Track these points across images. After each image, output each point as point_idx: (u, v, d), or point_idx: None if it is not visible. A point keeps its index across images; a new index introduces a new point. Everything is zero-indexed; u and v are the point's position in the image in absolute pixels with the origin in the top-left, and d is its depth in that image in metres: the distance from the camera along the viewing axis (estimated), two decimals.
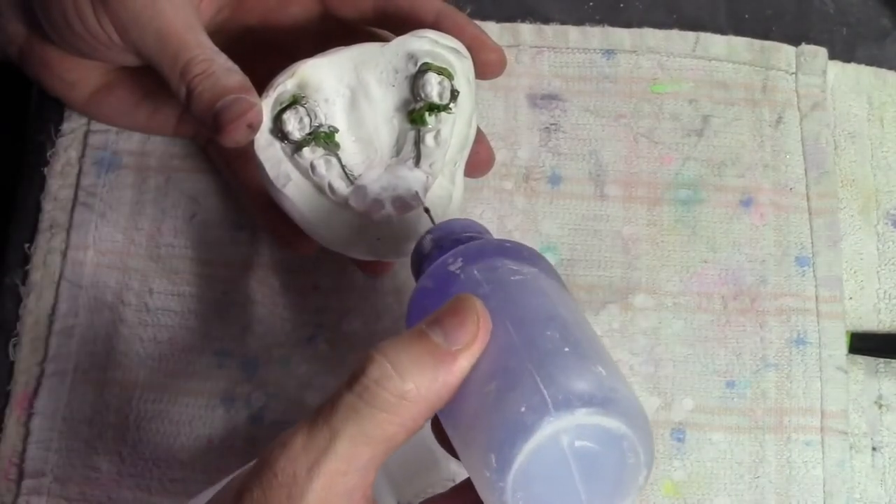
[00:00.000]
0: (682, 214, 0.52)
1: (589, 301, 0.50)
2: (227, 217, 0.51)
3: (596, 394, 0.31)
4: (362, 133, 0.44)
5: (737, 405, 0.49)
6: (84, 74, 0.48)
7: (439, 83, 0.43)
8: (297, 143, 0.43)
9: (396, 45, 0.43)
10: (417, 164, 0.44)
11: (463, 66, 0.44)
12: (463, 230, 0.40)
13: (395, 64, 0.44)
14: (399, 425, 0.32)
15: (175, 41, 0.41)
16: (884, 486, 0.48)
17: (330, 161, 0.43)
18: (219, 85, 0.40)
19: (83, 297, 0.49)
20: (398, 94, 0.44)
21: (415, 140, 0.44)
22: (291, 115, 0.42)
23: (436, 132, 0.44)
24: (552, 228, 0.51)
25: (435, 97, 0.43)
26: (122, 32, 0.42)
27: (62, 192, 0.51)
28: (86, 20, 0.42)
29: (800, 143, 0.53)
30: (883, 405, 0.49)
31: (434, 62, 0.43)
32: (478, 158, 0.47)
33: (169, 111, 0.50)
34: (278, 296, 0.50)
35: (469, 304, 0.33)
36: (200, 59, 0.41)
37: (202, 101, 0.40)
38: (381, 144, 0.44)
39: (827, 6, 0.56)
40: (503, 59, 0.45)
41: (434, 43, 0.43)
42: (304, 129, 0.43)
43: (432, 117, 0.44)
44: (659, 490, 0.47)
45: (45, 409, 0.48)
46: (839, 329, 0.50)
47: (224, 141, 0.40)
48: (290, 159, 0.43)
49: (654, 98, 0.53)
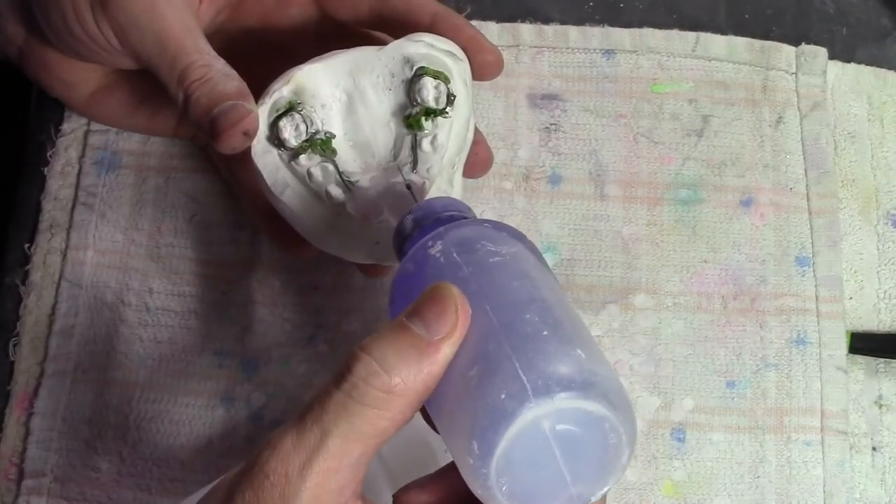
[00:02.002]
0: (682, 214, 0.52)
1: (589, 301, 0.50)
2: (227, 217, 0.51)
3: (575, 377, 0.31)
4: (359, 137, 0.44)
5: (737, 405, 0.49)
6: (83, 76, 0.48)
7: (435, 87, 0.43)
8: (294, 151, 0.43)
9: (392, 49, 0.43)
10: (414, 168, 0.44)
11: (459, 69, 0.44)
12: (444, 209, 0.40)
13: (391, 68, 0.44)
14: (389, 420, 0.33)
15: (173, 45, 0.41)
16: (884, 486, 0.48)
17: (326, 168, 0.43)
18: (216, 91, 0.40)
19: (83, 297, 0.49)
20: (395, 98, 0.44)
21: (411, 145, 0.44)
22: (287, 123, 0.42)
23: (432, 137, 0.44)
24: (552, 228, 0.51)
25: (431, 102, 0.43)
26: (121, 36, 0.42)
27: (62, 192, 0.51)
28: (85, 24, 0.42)
29: (800, 143, 0.53)
30: (883, 405, 0.49)
31: (430, 66, 0.43)
32: (476, 159, 0.47)
33: (168, 113, 0.50)
34: (278, 296, 0.50)
35: (447, 292, 0.34)
36: (198, 64, 0.41)
37: (199, 107, 0.40)
38: (378, 149, 0.44)
39: (827, 6, 0.56)
40: (500, 60, 0.45)
41: (430, 47, 0.43)
42: (300, 136, 0.42)
43: (429, 122, 0.43)
44: (659, 490, 0.47)
45: (45, 409, 0.48)
46: (839, 329, 0.50)
47: (220, 147, 0.41)
48: (287, 166, 0.43)
49: (654, 98, 0.53)
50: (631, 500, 0.47)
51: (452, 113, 0.44)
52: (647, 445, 0.48)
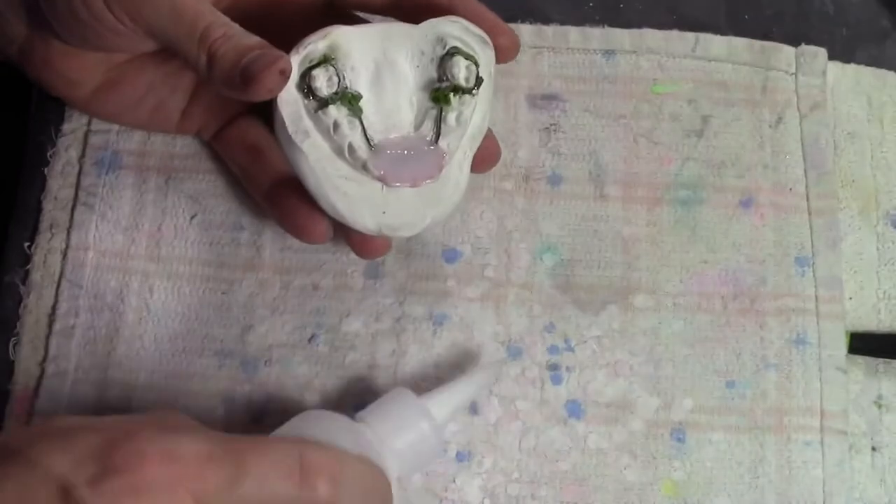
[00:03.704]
0: (681, 215, 0.52)
1: (589, 301, 0.50)
2: (227, 217, 0.51)
3: None
4: (383, 106, 0.45)
5: (737, 405, 0.49)
6: (86, 72, 0.48)
7: (466, 67, 0.44)
8: (323, 100, 0.43)
9: (427, 27, 0.44)
10: (437, 141, 0.44)
11: (487, 57, 0.45)
12: None
13: (422, 46, 0.45)
14: None
15: (191, 12, 0.41)
16: (884, 486, 0.48)
17: (353, 122, 0.44)
18: (242, 44, 0.41)
19: (83, 297, 0.49)
20: (422, 75, 0.45)
21: (436, 118, 0.45)
22: (321, 73, 0.43)
23: (458, 113, 0.45)
24: (552, 228, 0.51)
25: (462, 80, 0.44)
26: (135, 12, 0.42)
27: (62, 192, 0.51)
28: (91, 6, 0.42)
29: (800, 144, 0.53)
30: (883, 405, 0.50)
31: (462, 48, 0.44)
32: (486, 153, 0.47)
33: (172, 107, 0.50)
34: (278, 296, 0.50)
35: None
36: (219, 24, 0.41)
37: (227, 61, 0.41)
38: (400, 120, 0.45)
39: (827, 6, 0.56)
40: (517, 43, 0.46)
41: (465, 30, 0.45)
42: (332, 87, 0.43)
43: (456, 98, 0.44)
44: (659, 490, 0.47)
45: (45, 409, 0.48)
46: (839, 329, 0.50)
47: (257, 91, 0.41)
48: (312, 117, 0.44)
49: (653, 98, 0.53)
50: (631, 500, 0.47)
51: (478, 94, 0.45)
52: (646, 445, 0.48)
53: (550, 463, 0.47)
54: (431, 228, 0.46)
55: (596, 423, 0.48)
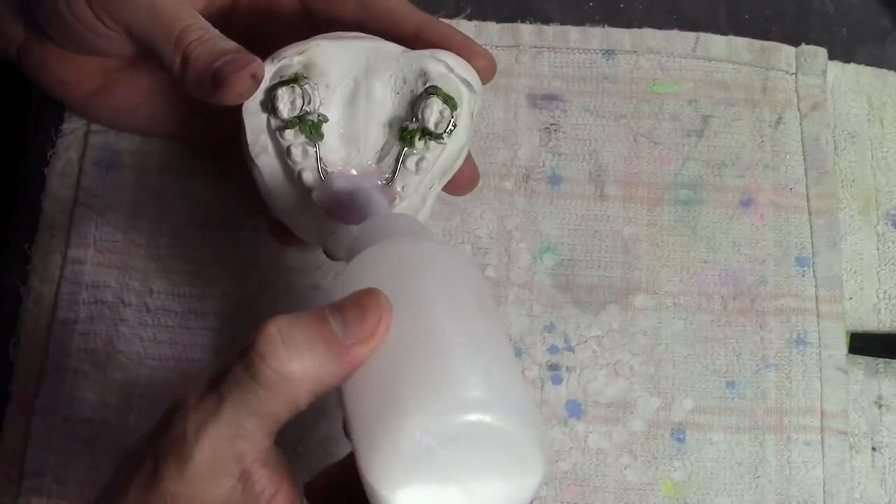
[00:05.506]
0: (682, 215, 0.52)
1: (589, 301, 0.50)
2: (227, 217, 0.51)
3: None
4: (351, 129, 0.43)
5: (737, 405, 0.49)
6: (82, 75, 0.48)
7: (440, 112, 0.42)
8: (283, 123, 0.42)
9: (414, 57, 0.43)
10: (391, 182, 0.43)
11: (471, 99, 0.43)
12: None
13: (406, 74, 0.43)
14: (280, 403, 0.32)
15: (168, 13, 0.41)
16: (884, 486, 0.48)
17: (307, 151, 0.42)
18: (216, 48, 0.40)
19: (83, 297, 0.49)
20: (400, 103, 0.43)
21: (397, 157, 0.43)
22: (286, 93, 0.42)
23: (419, 157, 0.43)
24: (552, 228, 0.51)
25: (431, 124, 0.42)
26: (116, 13, 0.42)
27: (62, 192, 0.51)
28: (73, 6, 0.42)
29: (800, 144, 0.53)
30: (883, 405, 0.50)
31: (443, 88, 0.42)
32: (461, 176, 0.46)
33: (168, 114, 0.49)
34: (279, 296, 0.50)
35: (374, 301, 0.33)
36: (195, 27, 0.41)
37: (199, 64, 0.40)
38: (365, 147, 0.43)
39: (827, 6, 0.56)
40: (493, 64, 0.44)
41: (449, 70, 0.43)
42: (293, 110, 0.42)
43: (422, 142, 0.43)
44: (659, 490, 0.47)
45: (45, 409, 0.48)
46: (839, 329, 0.50)
47: (227, 95, 0.40)
48: (271, 135, 0.43)
49: (654, 98, 0.53)
50: (631, 500, 0.47)
51: (448, 140, 0.43)
52: (647, 446, 0.48)
53: (550, 463, 0.47)
54: (430, 228, 0.46)
55: (596, 423, 0.48)
